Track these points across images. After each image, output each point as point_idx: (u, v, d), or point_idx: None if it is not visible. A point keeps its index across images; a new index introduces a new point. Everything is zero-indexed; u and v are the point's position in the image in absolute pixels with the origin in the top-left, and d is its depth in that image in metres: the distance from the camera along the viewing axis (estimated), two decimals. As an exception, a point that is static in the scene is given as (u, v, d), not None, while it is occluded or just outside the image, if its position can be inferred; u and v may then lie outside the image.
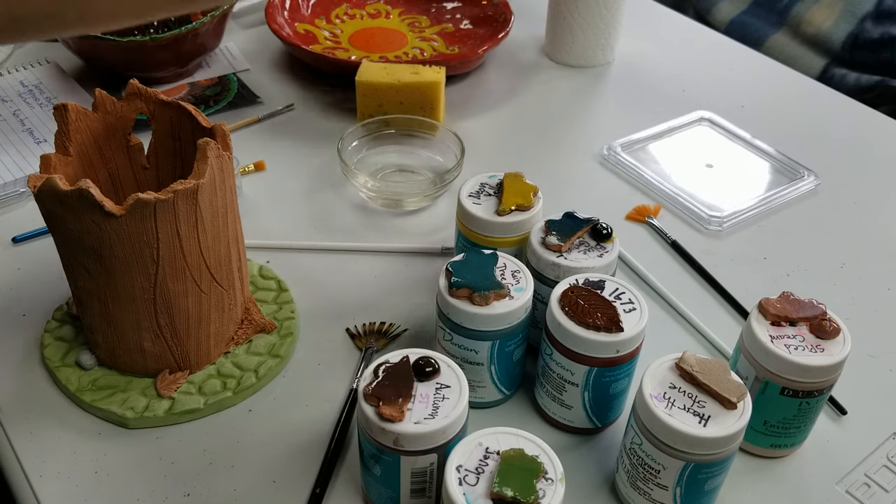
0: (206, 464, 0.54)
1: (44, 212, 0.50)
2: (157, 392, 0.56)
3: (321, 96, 0.90)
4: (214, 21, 0.86)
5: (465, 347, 0.54)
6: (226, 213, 0.54)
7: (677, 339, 0.64)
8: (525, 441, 0.45)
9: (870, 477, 0.54)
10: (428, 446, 0.46)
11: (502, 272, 0.54)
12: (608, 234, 0.58)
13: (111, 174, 0.58)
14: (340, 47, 0.96)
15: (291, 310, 0.63)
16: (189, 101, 0.74)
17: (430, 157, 0.80)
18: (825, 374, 0.50)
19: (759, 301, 0.53)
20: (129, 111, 0.57)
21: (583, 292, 0.53)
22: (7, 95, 0.87)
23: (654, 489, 0.48)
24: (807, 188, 0.79)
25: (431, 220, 0.75)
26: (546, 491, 0.43)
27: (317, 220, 0.74)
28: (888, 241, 0.74)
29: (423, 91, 0.81)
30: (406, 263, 0.70)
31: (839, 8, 1.18)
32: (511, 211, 0.59)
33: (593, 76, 0.97)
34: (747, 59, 1.02)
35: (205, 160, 0.50)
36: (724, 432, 0.45)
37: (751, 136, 0.85)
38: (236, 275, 0.57)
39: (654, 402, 0.46)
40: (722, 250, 0.72)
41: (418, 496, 0.49)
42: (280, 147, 0.83)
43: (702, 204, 0.76)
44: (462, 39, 0.98)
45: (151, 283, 0.51)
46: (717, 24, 1.31)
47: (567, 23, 0.94)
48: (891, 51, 1.13)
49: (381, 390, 0.46)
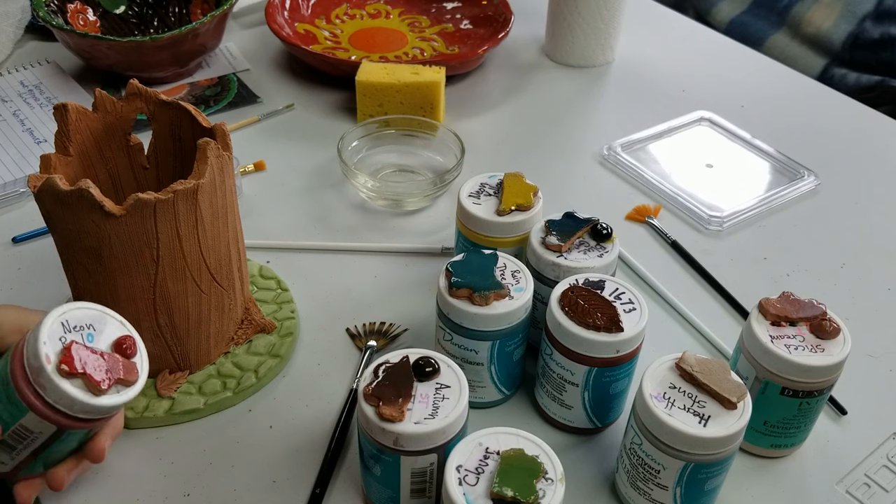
0: (206, 464, 0.54)
1: (44, 212, 0.50)
2: (157, 392, 0.56)
3: (321, 96, 0.90)
4: (214, 21, 0.86)
5: (465, 347, 0.54)
6: (226, 213, 0.54)
7: (677, 339, 0.64)
8: (525, 441, 0.45)
9: (870, 477, 0.54)
10: (428, 446, 0.46)
11: (502, 272, 0.54)
12: (608, 234, 0.58)
13: (111, 174, 0.58)
14: (340, 47, 0.96)
15: (291, 310, 0.63)
16: (189, 101, 0.74)
17: (430, 157, 0.80)
18: (825, 374, 0.50)
19: (759, 301, 0.53)
20: (129, 111, 0.57)
21: (583, 292, 0.53)
22: (7, 95, 0.87)
23: (654, 489, 0.48)
24: (807, 188, 0.79)
25: (431, 220, 0.75)
26: (546, 491, 0.43)
27: (317, 220, 0.74)
28: (888, 241, 0.74)
29: (423, 91, 0.82)
30: (406, 263, 0.70)
31: (839, 8, 1.18)
32: (511, 211, 0.59)
33: (593, 76, 0.97)
34: (747, 59, 1.02)
35: (205, 160, 0.50)
36: (724, 432, 0.45)
37: (751, 136, 0.85)
38: (236, 275, 0.57)
39: (654, 402, 0.46)
40: (722, 250, 0.72)
41: (418, 496, 0.49)
42: (280, 147, 0.83)
43: (702, 204, 0.76)
44: (462, 39, 0.98)
45: (151, 283, 0.51)
46: (717, 24, 1.31)
47: (567, 23, 0.94)
48: (891, 51, 1.14)
49: (381, 390, 0.46)
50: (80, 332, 0.44)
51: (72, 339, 0.43)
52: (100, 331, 0.45)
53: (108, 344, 0.45)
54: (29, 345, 0.43)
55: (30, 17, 0.98)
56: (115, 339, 0.45)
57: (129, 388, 0.45)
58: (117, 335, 0.45)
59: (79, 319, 0.45)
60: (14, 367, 0.43)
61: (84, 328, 0.44)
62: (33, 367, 0.42)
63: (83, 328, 0.44)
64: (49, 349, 0.42)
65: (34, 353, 0.42)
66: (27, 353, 0.43)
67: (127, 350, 0.45)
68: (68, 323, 0.44)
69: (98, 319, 0.45)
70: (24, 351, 0.43)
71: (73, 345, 0.43)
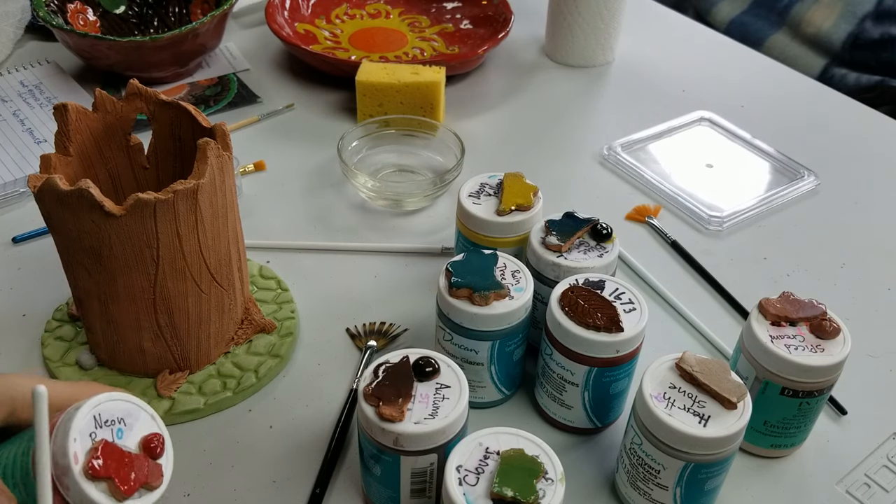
0: (206, 464, 0.54)
1: (44, 212, 0.50)
2: (157, 392, 0.56)
3: (321, 96, 0.90)
4: (214, 21, 0.86)
5: (465, 347, 0.54)
6: (226, 213, 0.54)
7: (677, 339, 0.64)
8: (525, 441, 0.45)
9: (870, 477, 0.54)
10: (428, 446, 0.46)
11: (502, 272, 0.54)
12: (608, 234, 0.58)
13: (111, 174, 0.58)
14: (340, 47, 0.96)
15: (291, 310, 0.63)
16: (189, 101, 0.74)
17: (430, 157, 0.80)
18: (825, 374, 0.50)
19: (759, 301, 0.53)
20: (129, 111, 0.57)
21: (583, 292, 0.53)
22: (7, 95, 0.87)
23: (654, 489, 0.48)
24: (807, 188, 0.79)
25: (431, 220, 0.75)
26: (546, 491, 0.43)
27: (317, 220, 0.74)
28: (888, 241, 0.74)
29: (423, 91, 0.82)
30: (406, 263, 0.70)
31: (839, 8, 1.18)
32: (511, 211, 0.59)
33: (593, 76, 0.97)
34: (747, 59, 1.02)
35: (205, 160, 0.50)
36: (724, 432, 0.45)
37: (751, 136, 0.85)
38: (236, 275, 0.57)
39: (654, 402, 0.46)
40: (722, 250, 0.72)
41: (418, 496, 0.49)
42: (280, 147, 0.83)
43: (702, 204, 0.76)
44: (462, 39, 0.98)
45: (151, 284, 0.51)
46: (717, 24, 1.31)
47: (567, 23, 0.94)
48: (891, 51, 1.14)
49: (381, 390, 0.46)
50: (111, 427, 0.42)
51: (103, 436, 0.41)
52: (130, 426, 0.43)
53: (137, 441, 0.43)
54: (58, 440, 0.40)
55: (30, 17, 0.98)
56: (144, 437, 0.43)
57: (152, 492, 0.42)
58: (147, 432, 0.43)
59: (111, 413, 0.42)
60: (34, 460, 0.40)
61: (115, 422, 0.42)
62: (59, 466, 0.40)
63: (114, 422, 0.42)
64: (79, 447, 0.40)
65: (62, 451, 0.40)
66: (55, 449, 0.40)
67: (156, 449, 0.43)
68: (100, 417, 0.42)
69: (130, 413, 0.43)
70: (52, 446, 0.40)
71: (103, 444, 0.41)
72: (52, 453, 0.40)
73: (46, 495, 0.38)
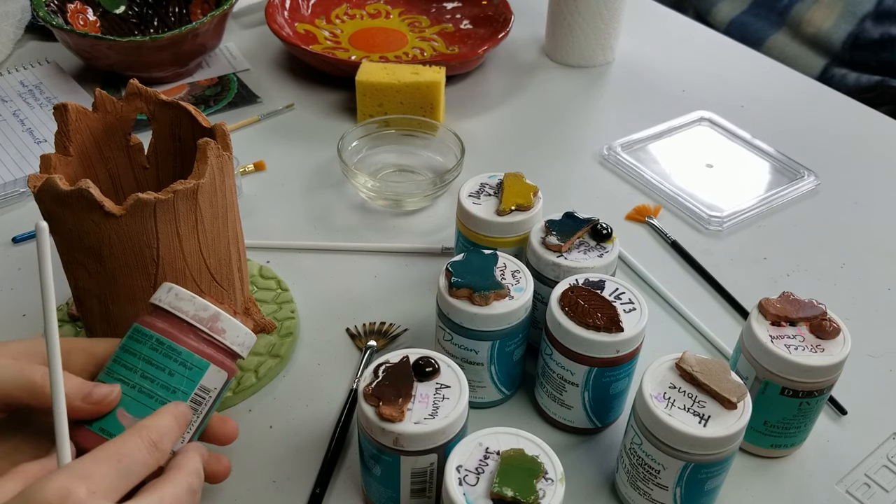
0: (206, 464, 0.53)
1: (44, 212, 0.50)
2: (157, 392, 0.56)
3: (321, 96, 0.90)
4: (214, 21, 0.86)
5: (465, 347, 0.54)
6: (226, 213, 0.54)
7: (677, 339, 0.64)
8: (525, 441, 0.45)
9: (870, 477, 0.54)
10: (428, 446, 0.46)
11: (502, 272, 0.54)
12: (608, 234, 0.58)
13: (111, 174, 0.58)
14: (340, 47, 0.96)
15: (291, 310, 0.63)
16: (189, 101, 0.74)
17: (430, 157, 0.80)
18: (825, 374, 0.50)
19: (759, 301, 0.53)
20: (129, 111, 0.57)
21: (583, 292, 0.53)
22: (7, 95, 0.87)
23: (654, 489, 0.48)
24: (807, 188, 0.79)
25: (431, 220, 0.75)
26: (546, 491, 0.43)
27: (317, 220, 0.74)
28: (888, 241, 0.74)
29: (423, 91, 0.82)
30: (406, 263, 0.70)
31: (839, 8, 1.18)
32: (511, 211, 0.59)
33: (593, 76, 0.97)
34: (747, 59, 1.02)
35: (205, 160, 0.50)
36: (724, 432, 0.45)
37: (751, 136, 0.85)
38: (236, 275, 0.57)
39: (654, 402, 0.46)
40: (722, 250, 0.72)
41: (418, 496, 0.49)
42: (280, 147, 0.83)
43: (702, 204, 0.76)
44: (462, 39, 0.98)
45: (151, 284, 0.51)
46: (717, 24, 1.31)
47: (567, 23, 0.94)
48: (891, 51, 1.14)
49: (381, 390, 0.46)
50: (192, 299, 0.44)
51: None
52: None
53: None
54: (184, 305, 0.43)
55: (30, 17, 0.98)
56: None
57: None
58: None
59: None
60: (172, 335, 0.42)
61: None
62: (204, 318, 0.42)
63: None
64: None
65: (202, 307, 0.43)
66: (191, 312, 0.42)
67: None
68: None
69: None
70: (180, 314, 0.42)
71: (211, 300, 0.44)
72: (186, 317, 0.42)
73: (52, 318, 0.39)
